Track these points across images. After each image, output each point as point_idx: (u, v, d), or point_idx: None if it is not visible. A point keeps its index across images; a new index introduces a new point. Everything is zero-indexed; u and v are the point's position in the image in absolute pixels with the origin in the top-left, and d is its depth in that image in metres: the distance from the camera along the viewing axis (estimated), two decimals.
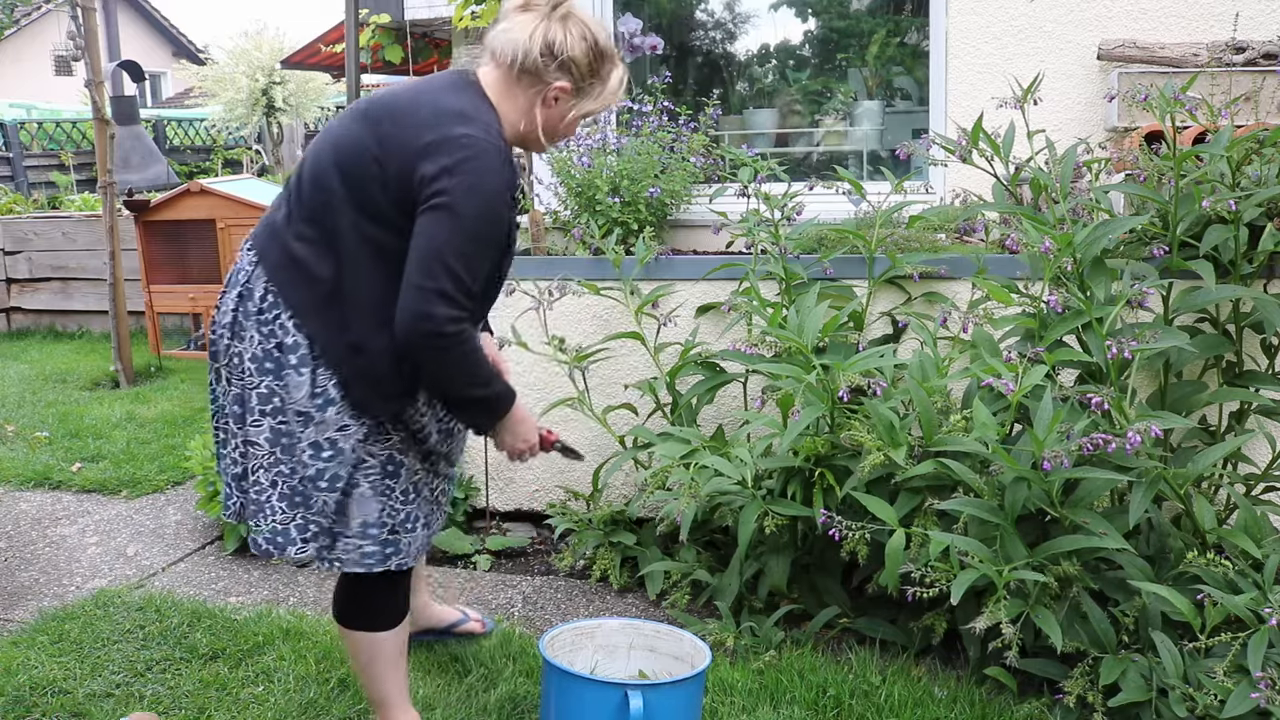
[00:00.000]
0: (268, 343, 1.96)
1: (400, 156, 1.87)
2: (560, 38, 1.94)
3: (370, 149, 1.90)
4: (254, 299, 1.98)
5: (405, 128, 1.89)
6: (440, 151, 1.85)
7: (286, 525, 2.03)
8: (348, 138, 1.95)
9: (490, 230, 1.89)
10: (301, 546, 2.05)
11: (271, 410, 1.97)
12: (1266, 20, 3.39)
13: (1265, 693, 2.03)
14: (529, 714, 2.43)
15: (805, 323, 2.69)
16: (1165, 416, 2.33)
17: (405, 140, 1.88)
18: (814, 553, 2.87)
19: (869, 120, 4.23)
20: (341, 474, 1.99)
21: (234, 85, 11.95)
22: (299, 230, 1.97)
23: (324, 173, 1.95)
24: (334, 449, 1.97)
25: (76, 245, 7.30)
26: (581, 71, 1.98)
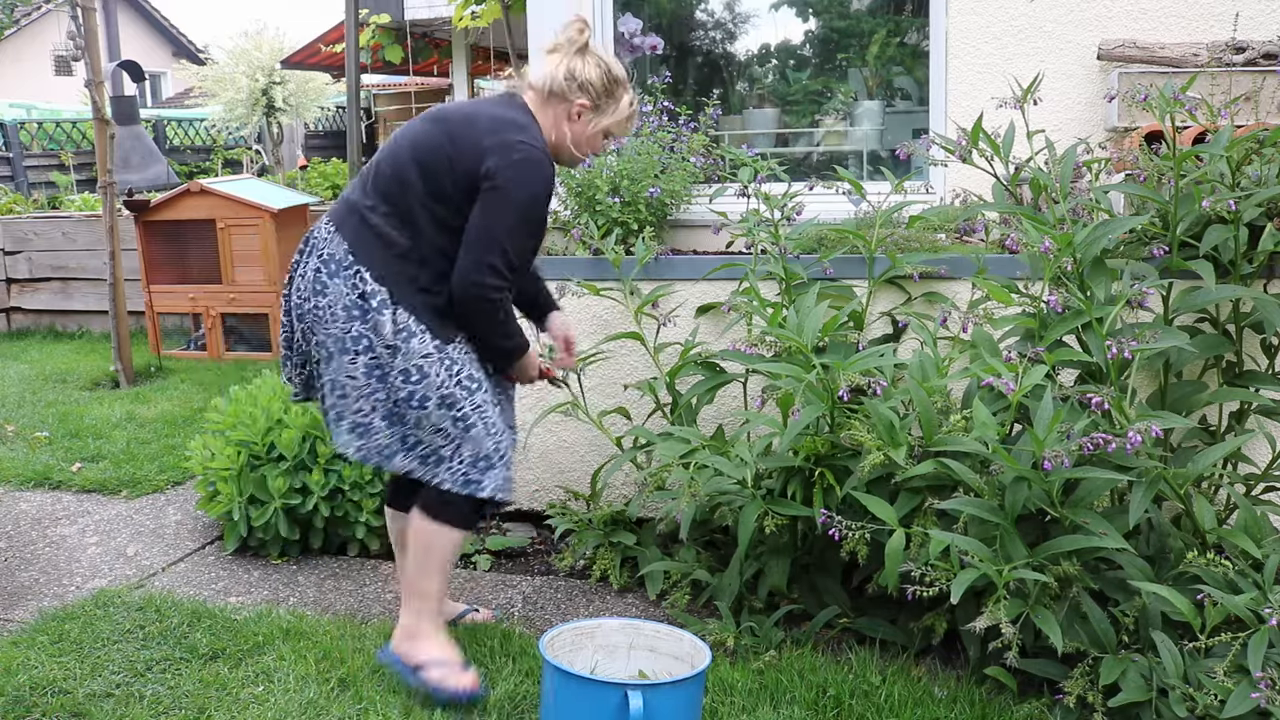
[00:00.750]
0: (352, 293, 2.40)
1: (467, 152, 2.37)
2: (579, 65, 2.48)
3: (444, 145, 2.40)
4: (335, 260, 2.43)
5: (472, 131, 2.40)
6: (499, 152, 2.35)
7: (391, 440, 2.48)
8: (425, 135, 2.44)
9: (535, 217, 2.40)
10: (405, 458, 2.49)
11: (364, 349, 2.41)
12: (1266, 20, 3.39)
13: (1265, 693, 2.03)
14: (529, 714, 2.43)
15: (805, 322, 2.69)
16: (1165, 416, 2.33)
17: (472, 140, 2.38)
18: (814, 553, 2.87)
19: (869, 120, 4.23)
20: (430, 395, 2.41)
21: (234, 85, 11.94)
22: (376, 206, 2.44)
23: (403, 163, 2.43)
24: (420, 374, 2.41)
25: (76, 245, 7.30)
26: (597, 91, 2.49)
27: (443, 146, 2.40)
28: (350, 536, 3.43)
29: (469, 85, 10.64)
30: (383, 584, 3.26)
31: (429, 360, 2.40)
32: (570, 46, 2.48)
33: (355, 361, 2.41)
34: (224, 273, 6.38)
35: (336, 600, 3.14)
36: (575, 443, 3.54)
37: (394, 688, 2.51)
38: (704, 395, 3.08)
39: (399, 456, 2.47)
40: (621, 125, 2.56)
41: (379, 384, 2.42)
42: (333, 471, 3.36)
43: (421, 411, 2.42)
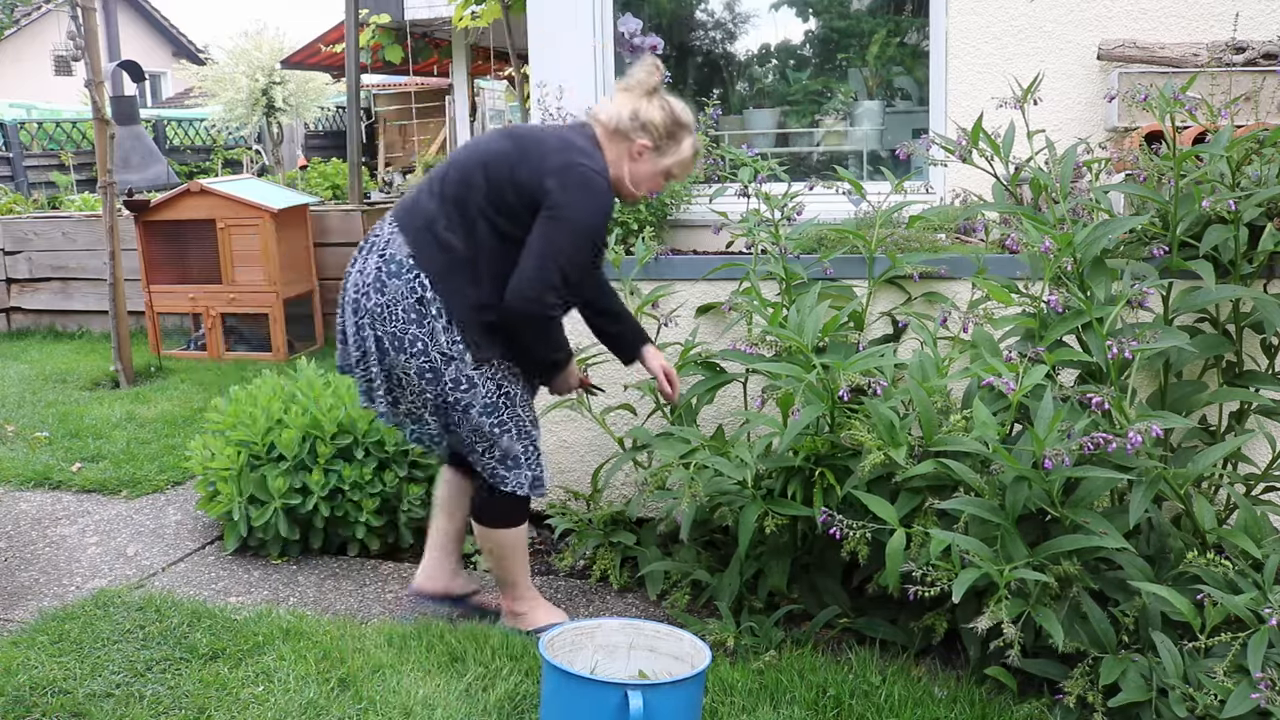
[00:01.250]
0: (410, 297, 2.53)
1: (532, 168, 2.49)
2: (644, 107, 2.58)
3: (510, 158, 2.52)
4: (396, 261, 2.55)
5: (539, 149, 2.52)
6: (561, 172, 2.47)
7: (439, 430, 2.68)
8: (495, 149, 2.56)
9: (591, 239, 2.53)
10: (444, 447, 2.75)
11: (418, 351, 2.55)
12: (1266, 20, 3.39)
13: (1265, 693, 2.03)
14: (529, 714, 2.43)
15: (805, 322, 2.69)
16: (1165, 416, 2.33)
17: (538, 156, 2.50)
18: (814, 552, 2.87)
19: (869, 120, 4.23)
20: (475, 404, 2.58)
21: (234, 85, 11.93)
22: (440, 211, 2.54)
23: (471, 173, 2.54)
24: (470, 384, 2.57)
25: (76, 245, 7.30)
26: (659, 133, 2.59)
27: (509, 158, 2.51)
28: (350, 536, 3.43)
29: (469, 85, 10.63)
30: (382, 584, 3.26)
31: (480, 374, 2.58)
32: (639, 88, 2.59)
33: (410, 363, 2.56)
34: (224, 273, 6.38)
35: (336, 600, 3.14)
36: (575, 443, 3.54)
37: (393, 688, 2.51)
38: (704, 395, 3.08)
39: (442, 443, 2.75)
40: (682, 167, 2.67)
41: (430, 385, 2.58)
42: (333, 471, 3.36)
43: (465, 415, 2.60)
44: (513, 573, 2.82)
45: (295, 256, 6.57)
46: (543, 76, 4.06)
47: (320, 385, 3.57)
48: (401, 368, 2.58)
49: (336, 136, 15.43)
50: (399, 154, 14.41)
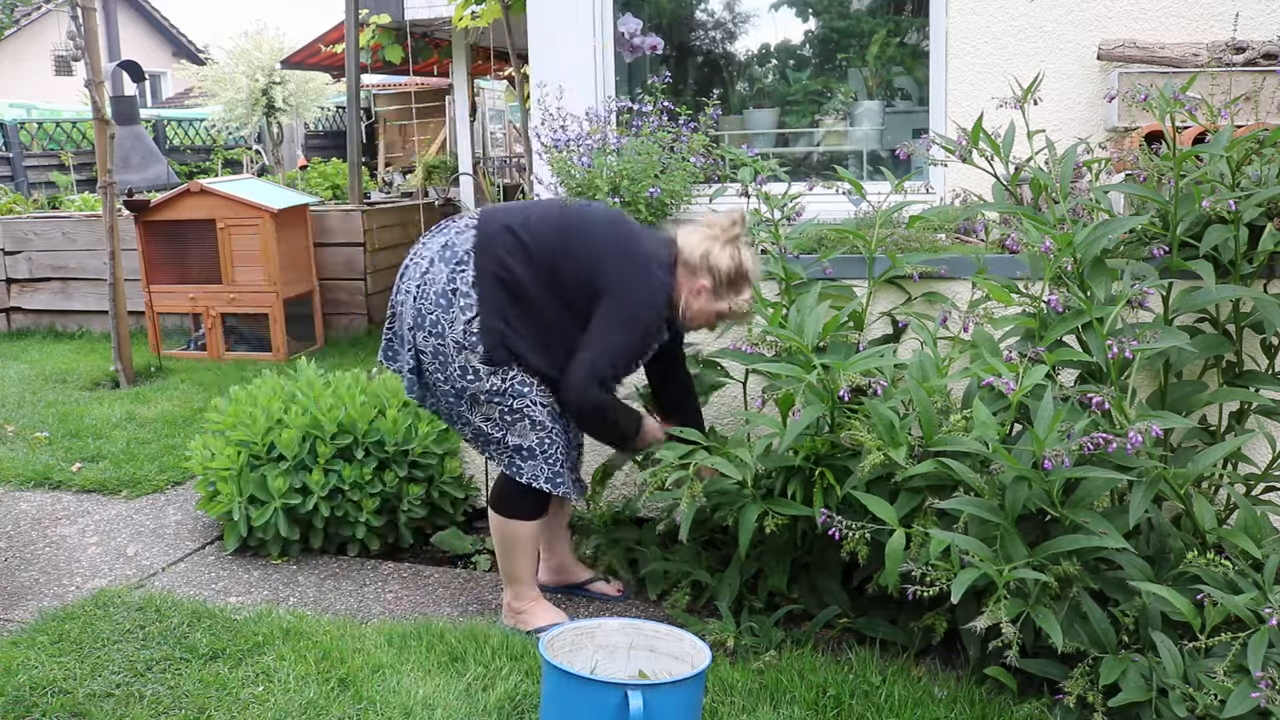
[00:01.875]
0: (449, 285, 2.65)
1: (608, 262, 2.64)
2: (715, 250, 2.68)
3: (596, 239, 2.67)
4: (455, 251, 2.68)
5: (624, 243, 2.68)
6: (632, 278, 2.63)
7: (450, 413, 2.80)
8: (589, 219, 2.73)
9: (646, 343, 2.70)
10: (461, 429, 2.84)
11: (436, 334, 2.67)
12: (1266, 20, 3.39)
13: (1265, 693, 2.03)
14: (529, 714, 2.43)
15: (805, 322, 2.69)
16: (1165, 416, 2.33)
17: (618, 254, 2.65)
18: (814, 552, 2.87)
19: (869, 120, 4.23)
20: (481, 391, 2.68)
21: (234, 85, 11.92)
22: (518, 239, 2.66)
23: (555, 227, 2.68)
24: (475, 374, 2.67)
25: (76, 245, 7.30)
26: (721, 279, 2.67)
27: (594, 235, 2.68)
28: (350, 536, 3.43)
29: (469, 85, 10.64)
30: (382, 584, 3.26)
31: (486, 366, 2.66)
32: (721, 233, 2.69)
33: (427, 342, 2.69)
34: (224, 273, 6.38)
35: (336, 600, 3.14)
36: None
37: (393, 688, 2.51)
38: (703, 395, 3.08)
39: (456, 426, 2.84)
40: (737, 315, 2.76)
41: (440, 368, 2.70)
42: (333, 471, 3.36)
43: (473, 401, 2.71)
44: (518, 568, 2.86)
45: (295, 256, 6.57)
46: (543, 76, 4.06)
47: (320, 385, 3.57)
48: (421, 345, 2.70)
49: (336, 136, 15.42)
50: (399, 154, 14.41)
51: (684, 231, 2.75)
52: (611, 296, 2.62)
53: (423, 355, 2.72)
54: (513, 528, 2.83)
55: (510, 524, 2.83)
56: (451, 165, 11.57)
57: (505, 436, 2.74)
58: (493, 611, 3.02)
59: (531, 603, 2.90)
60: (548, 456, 2.76)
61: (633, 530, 3.28)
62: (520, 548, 2.85)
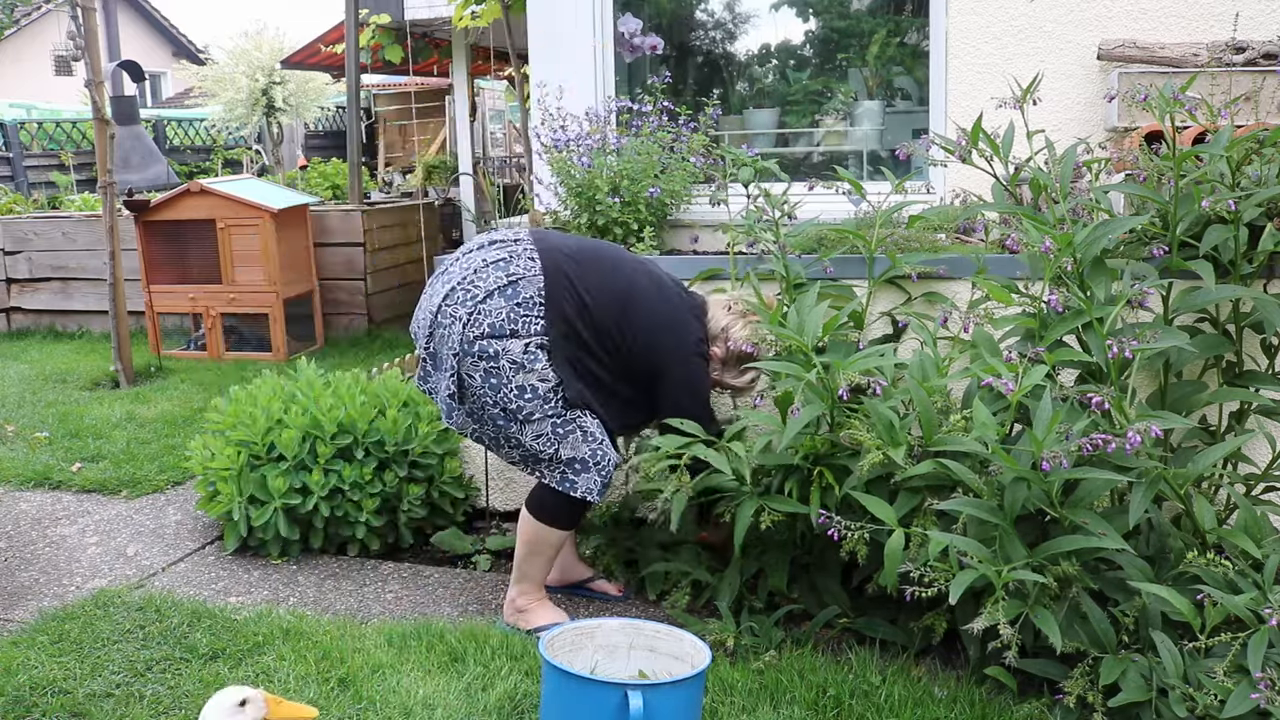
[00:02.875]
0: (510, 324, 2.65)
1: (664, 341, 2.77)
2: (736, 327, 2.86)
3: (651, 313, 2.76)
4: (519, 291, 2.67)
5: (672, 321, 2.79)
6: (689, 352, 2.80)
7: (497, 437, 2.78)
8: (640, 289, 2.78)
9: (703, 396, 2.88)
10: (509, 453, 2.83)
11: (489, 358, 2.66)
12: (1266, 20, 3.39)
13: (1265, 693, 2.03)
14: (529, 714, 2.43)
15: (805, 322, 2.69)
16: (1165, 416, 2.33)
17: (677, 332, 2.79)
18: (814, 552, 2.87)
19: (869, 120, 4.23)
20: (535, 413, 2.69)
21: (234, 85, 11.91)
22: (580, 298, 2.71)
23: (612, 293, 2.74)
24: (533, 392, 2.68)
25: (76, 245, 7.30)
26: (731, 356, 2.85)
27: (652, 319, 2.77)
28: (350, 536, 3.43)
29: (469, 85, 10.63)
30: (382, 584, 3.26)
31: (546, 383, 2.69)
32: (740, 311, 2.88)
33: (476, 366, 2.68)
34: (224, 273, 6.38)
35: (336, 600, 3.14)
36: None
37: (393, 688, 2.51)
38: None
39: (502, 450, 2.84)
40: (735, 389, 2.94)
41: (492, 391, 2.69)
42: (333, 471, 3.36)
43: (526, 420, 2.70)
44: (534, 569, 2.89)
45: (295, 256, 6.57)
46: (543, 76, 4.06)
47: (320, 385, 3.57)
48: (466, 368, 2.69)
49: (336, 136, 15.42)
50: (399, 154, 14.41)
51: (715, 307, 2.90)
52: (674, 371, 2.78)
53: (469, 379, 2.70)
54: (545, 533, 2.84)
55: (544, 530, 2.83)
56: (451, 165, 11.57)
57: (559, 451, 2.74)
58: (493, 611, 3.02)
59: (536, 602, 2.91)
60: (600, 466, 2.77)
61: (632, 530, 3.28)
62: (546, 552, 2.87)
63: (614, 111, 3.89)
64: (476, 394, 2.72)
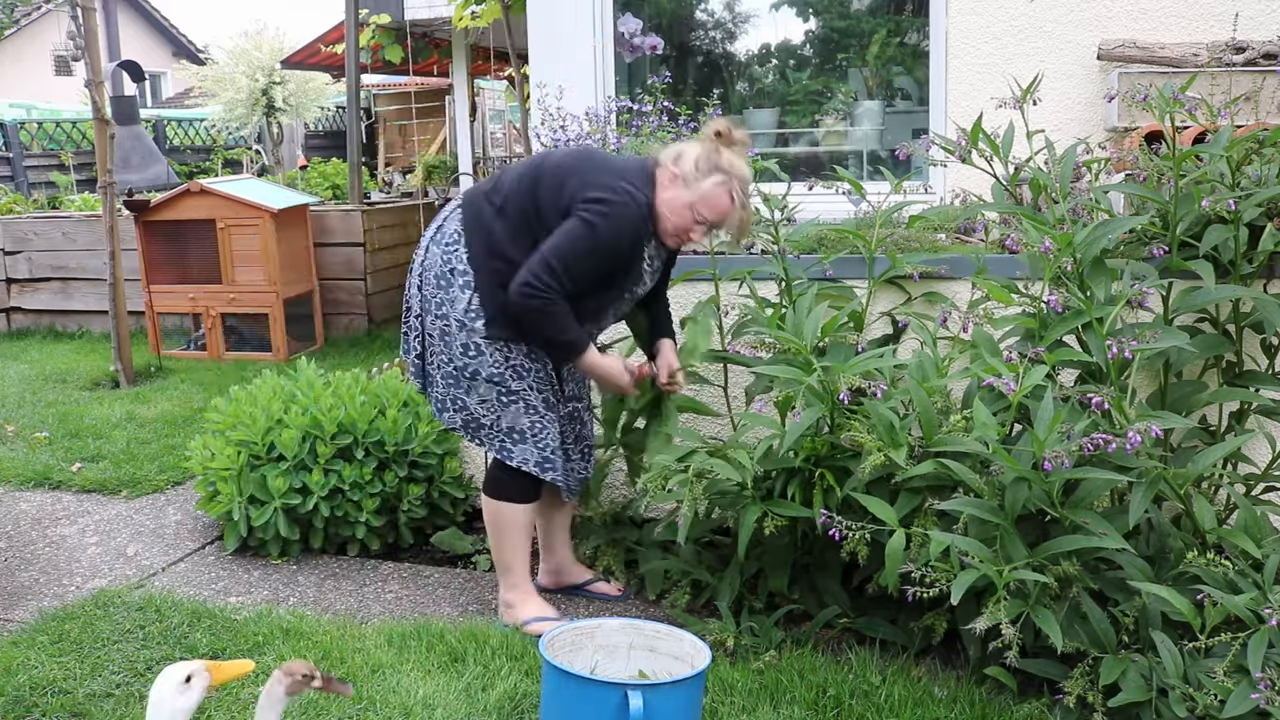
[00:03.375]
0: (444, 266, 2.72)
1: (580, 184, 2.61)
2: (690, 145, 2.66)
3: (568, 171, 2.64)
4: (446, 233, 2.74)
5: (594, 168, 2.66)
6: (599, 190, 2.59)
7: (444, 398, 2.82)
8: (558, 158, 2.73)
9: (602, 253, 2.60)
10: (452, 415, 2.83)
11: (440, 315, 2.73)
12: (1266, 20, 3.40)
13: (1265, 693, 2.03)
14: (529, 714, 2.43)
15: (804, 323, 2.69)
16: (1165, 416, 2.33)
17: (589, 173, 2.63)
18: (814, 553, 2.87)
19: (869, 120, 4.24)
20: (481, 370, 2.72)
21: (234, 85, 11.92)
22: (494, 202, 2.70)
23: (522, 177, 2.69)
24: (478, 350, 2.71)
25: (76, 245, 7.30)
26: (689, 166, 2.61)
27: (565, 169, 2.66)
28: (350, 536, 3.43)
29: (469, 85, 10.63)
30: (382, 584, 3.26)
31: (489, 343, 2.70)
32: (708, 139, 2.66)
33: (434, 324, 2.75)
34: (224, 273, 6.38)
35: (336, 600, 3.14)
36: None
37: (393, 688, 2.51)
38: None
39: (445, 414, 2.84)
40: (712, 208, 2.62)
41: (444, 348, 2.75)
42: (333, 471, 3.36)
43: (472, 382, 2.74)
44: (509, 555, 2.88)
45: (295, 256, 6.57)
46: (543, 76, 4.06)
47: (320, 385, 3.56)
48: (429, 329, 2.77)
49: (336, 136, 15.42)
50: (399, 154, 14.41)
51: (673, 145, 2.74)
52: (575, 212, 2.59)
53: (430, 338, 2.78)
54: (504, 511, 2.85)
55: (501, 507, 2.85)
56: (451, 165, 11.57)
57: (499, 419, 2.77)
58: (492, 611, 3.02)
59: (523, 593, 2.90)
60: (538, 440, 2.78)
61: (632, 530, 3.28)
62: (511, 532, 2.86)
63: (614, 111, 3.89)
64: (433, 353, 2.78)
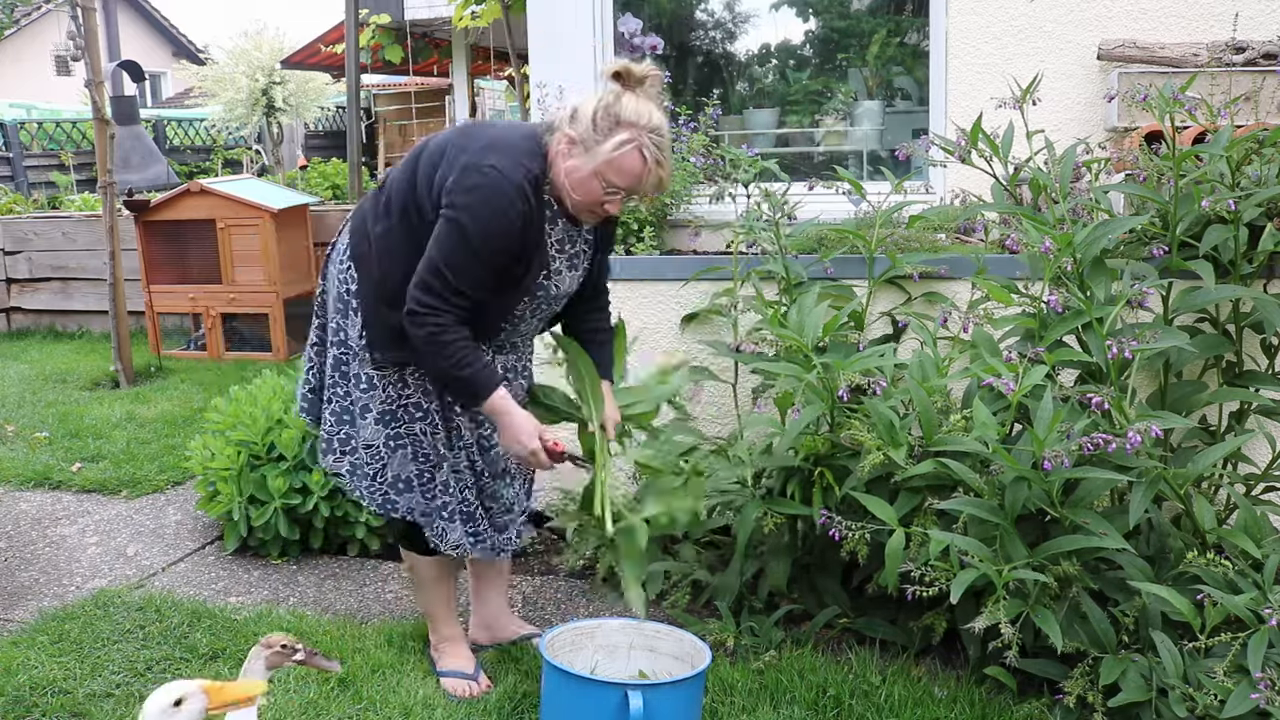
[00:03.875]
0: (341, 287, 2.37)
1: (449, 167, 2.21)
2: (586, 99, 2.19)
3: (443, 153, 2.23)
4: (340, 249, 2.40)
5: (468, 146, 2.22)
6: (464, 173, 2.18)
7: (331, 438, 2.46)
8: (438, 141, 2.30)
9: (480, 254, 2.18)
10: (338, 458, 2.46)
11: (337, 342, 2.39)
12: (1266, 20, 3.39)
13: (1265, 693, 2.03)
14: (529, 713, 2.43)
15: (805, 322, 2.69)
16: (1165, 416, 2.33)
17: (460, 154, 2.21)
18: (814, 552, 2.87)
19: (869, 120, 4.23)
20: (372, 407, 2.37)
21: (234, 85, 11.93)
22: (380, 203, 2.33)
23: (408, 164, 2.31)
24: (370, 384, 2.36)
25: (76, 245, 7.30)
26: (587, 123, 2.17)
27: (441, 153, 2.25)
28: (350, 536, 3.43)
29: (469, 85, 10.63)
30: (382, 584, 3.26)
31: (380, 375, 2.36)
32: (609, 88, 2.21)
33: (329, 354, 2.43)
34: (224, 273, 6.38)
35: (336, 600, 3.14)
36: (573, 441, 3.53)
37: (393, 688, 2.51)
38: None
39: (330, 456, 2.46)
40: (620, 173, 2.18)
41: (340, 380, 2.43)
42: None
43: (362, 421, 2.40)
44: (428, 603, 2.65)
45: (295, 256, 6.57)
46: (543, 76, 4.06)
47: None
48: (324, 359, 2.46)
49: (336, 136, 15.42)
50: (399, 154, 14.41)
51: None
52: (445, 204, 2.18)
53: (326, 372, 2.45)
54: (415, 564, 2.59)
55: (411, 558, 2.60)
56: None
57: (384, 469, 2.42)
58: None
59: (445, 642, 2.64)
60: (426, 490, 2.43)
61: None
62: (425, 584, 2.61)
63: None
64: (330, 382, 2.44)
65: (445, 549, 2.47)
